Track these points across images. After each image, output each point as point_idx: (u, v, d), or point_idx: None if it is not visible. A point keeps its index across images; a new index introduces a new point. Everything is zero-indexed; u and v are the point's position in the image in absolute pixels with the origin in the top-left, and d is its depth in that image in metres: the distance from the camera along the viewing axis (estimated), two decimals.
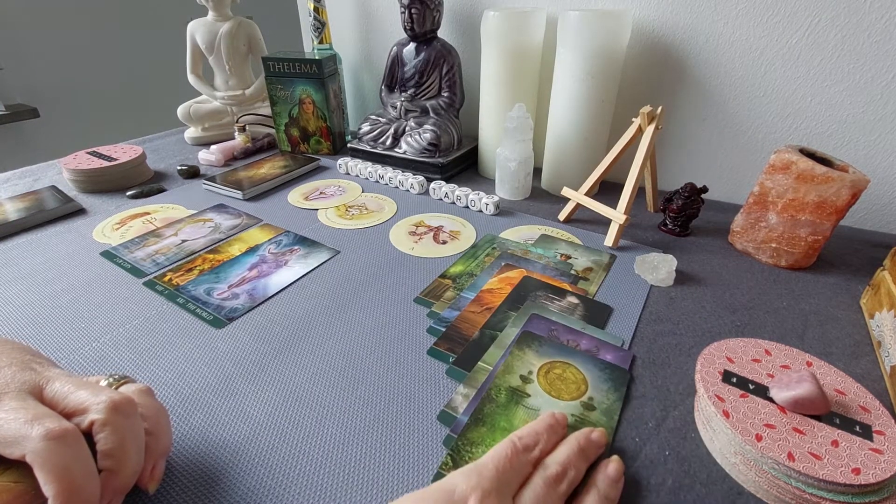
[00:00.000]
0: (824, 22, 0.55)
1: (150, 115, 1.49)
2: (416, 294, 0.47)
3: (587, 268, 0.52)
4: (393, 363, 0.39)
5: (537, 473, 0.26)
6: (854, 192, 0.46)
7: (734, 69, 0.61)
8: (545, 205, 0.67)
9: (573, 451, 0.28)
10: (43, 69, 1.42)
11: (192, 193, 0.70)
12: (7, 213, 0.60)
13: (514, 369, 0.38)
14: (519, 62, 0.67)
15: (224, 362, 0.39)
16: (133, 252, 0.54)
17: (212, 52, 0.89)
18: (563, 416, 0.31)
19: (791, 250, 0.51)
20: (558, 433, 0.30)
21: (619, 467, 0.28)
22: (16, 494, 0.23)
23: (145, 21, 1.59)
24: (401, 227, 0.61)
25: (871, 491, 0.27)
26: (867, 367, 0.39)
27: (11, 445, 0.22)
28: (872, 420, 0.30)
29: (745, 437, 0.29)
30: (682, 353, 0.40)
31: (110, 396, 0.25)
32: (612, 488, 0.27)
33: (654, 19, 0.63)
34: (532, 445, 0.27)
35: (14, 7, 1.33)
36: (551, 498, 0.25)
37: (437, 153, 0.73)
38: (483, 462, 0.25)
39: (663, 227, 0.60)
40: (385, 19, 0.87)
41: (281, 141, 0.87)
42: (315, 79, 0.79)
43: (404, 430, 0.33)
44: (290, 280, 0.50)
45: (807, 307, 0.46)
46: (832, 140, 0.60)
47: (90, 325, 0.43)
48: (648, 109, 0.55)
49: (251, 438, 0.32)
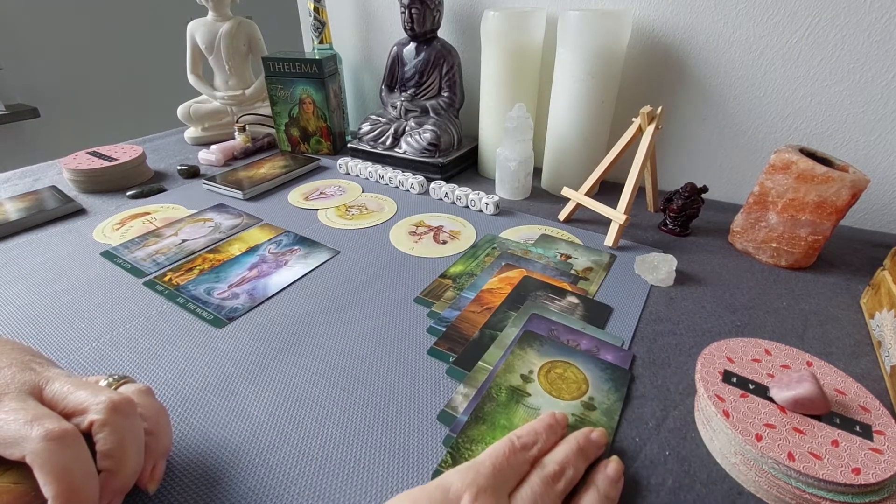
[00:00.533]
0: (824, 22, 0.55)
1: (150, 115, 1.49)
2: (416, 294, 0.47)
3: (587, 268, 0.52)
4: (393, 363, 0.39)
5: (535, 472, 0.26)
6: (854, 192, 0.46)
7: (734, 69, 0.61)
8: (545, 205, 0.67)
9: (572, 450, 0.28)
10: (43, 69, 1.42)
11: (192, 193, 0.70)
12: (7, 213, 0.60)
13: (514, 368, 0.38)
14: (519, 62, 0.67)
15: (224, 362, 0.39)
16: (133, 252, 0.54)
17: (212, 52, 0.89)
18: (563, 417, 0.31)
19: (791, 250, 0.51)
20: (557, 433, 0.29)
21: (618, 467, 0.28)
22: (16, 495, 0.23)
23: (145, 21, 1.59)
24: (401, 227, 0.61)
25: (871, 491, 0.27)
26: (867, 367, 0.39)
27: (11, 446, 0.22)
28: (872, 420, 0.30)
29: (745, 437, 0.29)
30: (682, 353, 0.40)
31: (110, 397, 0.25)
32: (612, 488, 0.27)
33: (654, 19, 0.63)
34: (530, 444, 0.27)
35: (14, 7, 1.33)
36: (548, 496, 0.25)
37: (437, 153, 0.73)
38: (480, 460, 0.25)
39: (663, 227, 0.60)
40: (385, 19, 0.87)
41: (281, 141, 0.87)
42: (315, 79, 0.79)
43: (404, 430, 0.33)
44: (290, 280, 0.50)
45: (807, 307, 0.46)
46: (832, 140, 0.60)
47: (90, 325, 0.43)
48: (648, 109, 0.55)
49: (251, 438, 0.32)
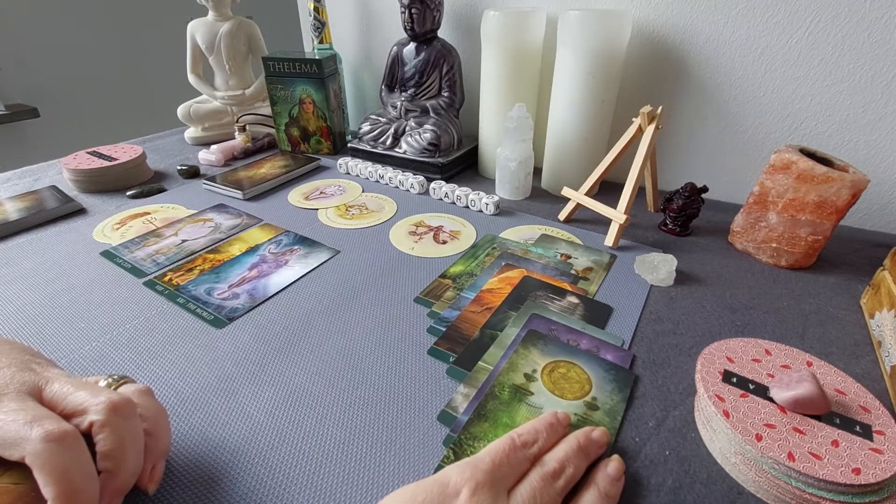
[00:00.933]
0: (824, 22, 0.55)
1: (150, 115, 1.49)
2: (416, 294, 0.47)
3: (587, 268, 0.52)
4: (393, 363, 0.39)
5: (534, 469, 0.26)
6: (854, 192, 0.46)
7: (734, 69, 0.61)
8: (545, 205, 0.67)
9: (572, 448, 0.28)
10: (43, 69, 1.42)
11: (192, 193, 0.70)
12: (7, 213, 0.60)
13: (518, 367, 0.38)
14: (519, 62, 0.67)
15: (224, 362, 0.39)
16: (133, 252, 0.54)
17: (212, 52, 0.89)
18: (564, 416, 0.31)
19: (791, 250, 0.51)
20: (559, 432, 0.29)
21: (619, 466, 0.28)
22: (16, 496, 0.23)
23: (145, 21, 1.59)
24: (401, 226, 0.61)
25: (871, 491, 0.27)
26: (867, 367, 0.39)
27: (11, 447, 0.22)
28: (872, 420, 0.30)
29: (745, 437, 0.29)
30: (683, 353, 0.40)
31: (109, 397, 0.25)
32: (613, 486, 0.27)
33: (654, 19, 0.63)
34: (531, 442, 0.27)
35: (14, 7, 1.33)
36: (548, 493, 0.25)
37: (437, 153, 0.73)
38: (480, 456, 0.25)
39: (663, 226, 0.60)
40: (385, 19, 0.87)
41: (281, 141, 0.87)
42: (315, 79, 0.79)
43: (404, 430, 0.33)
44: (290, 280, 0.50)
45: (807, 307, 0.46)
46: (832, 140, 0.60)
47: (90, 325, 0.43)
48: (648, 109, 0.55)
49: (251, 438, 0.32)
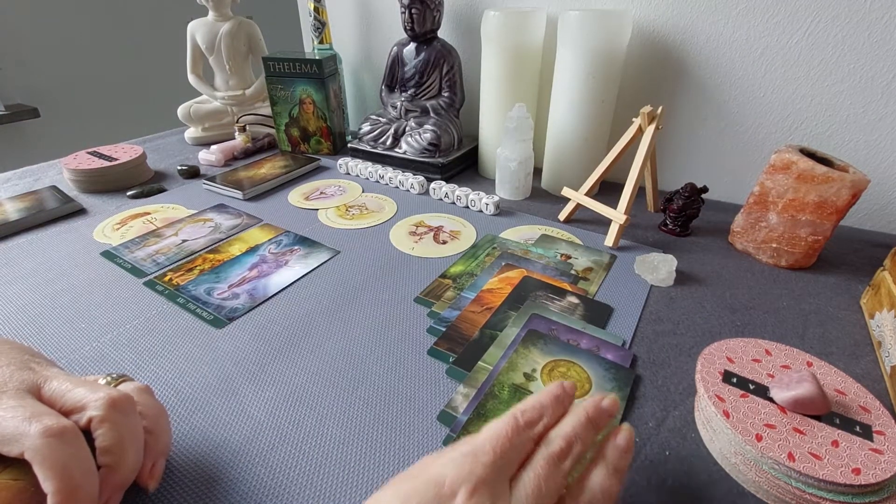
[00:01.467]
0: (824, 22, 0.55)
1: (150, 115, 1.49)
2: (416, 294, 0.47)
3: (587, 268, 0.52)
4: (393, 363, 0.39)
5: (539, 451, 0.24)
6: (854, 192, 0.46)
7: (734, 69, 0.61)
8: (545, 205, 0.67)
9: (580, 422, 0.25)
10: (43, 69, 1.42)
11: (193, 193, 0.70)
12: (7, 213, 0.60)
13: (517, 367, 0.38)
14: (519, 62, 0.67)
15: (224, 362, 0.39)
16: (133, 252, 0.54)
17: (212, 52, 0.89)
18: (571, 386, 0.28)
19: (791, 250, 0.51)
20: (565, 404, 0.27)
21: (629, 436, 0.26)
22: (15, 492, 0.24)
23: (145, 21, 1.59)
24: (401, 227, 0.61)
25: (871, 491, 0.27)
26: (867, 367, 0.39)
27: (10, 443, 0.23)
28: (872, 420, 0.30)
29: (745, 437, 0.29)
30: (683, 353, 0.40)
31: (108, 393, 0.25)
32: (622, 459, 0.25)
33: (654, 19, 0.63)
34: (535, 420, 0.25)
35: (14, 7, 1.33)
36: (552, 478, 0.22)
37: (437, 153, 0.73)
38: (479, 444, 0.23)
39: (663, 227, 0.60)
40: (385, 19, 0.87)
41: (281, 141, 0.87)
42: (315, 79, 0.79)
43: (404, 430, 0.33)
44: (290, 280, 0.50)
45: (807, 307, 0.46)
46: (832, 140, 0.60)
47: (90, 325, 0.43)
48: (648, 109, 0.55)
49: (251, 438, 0.32)
